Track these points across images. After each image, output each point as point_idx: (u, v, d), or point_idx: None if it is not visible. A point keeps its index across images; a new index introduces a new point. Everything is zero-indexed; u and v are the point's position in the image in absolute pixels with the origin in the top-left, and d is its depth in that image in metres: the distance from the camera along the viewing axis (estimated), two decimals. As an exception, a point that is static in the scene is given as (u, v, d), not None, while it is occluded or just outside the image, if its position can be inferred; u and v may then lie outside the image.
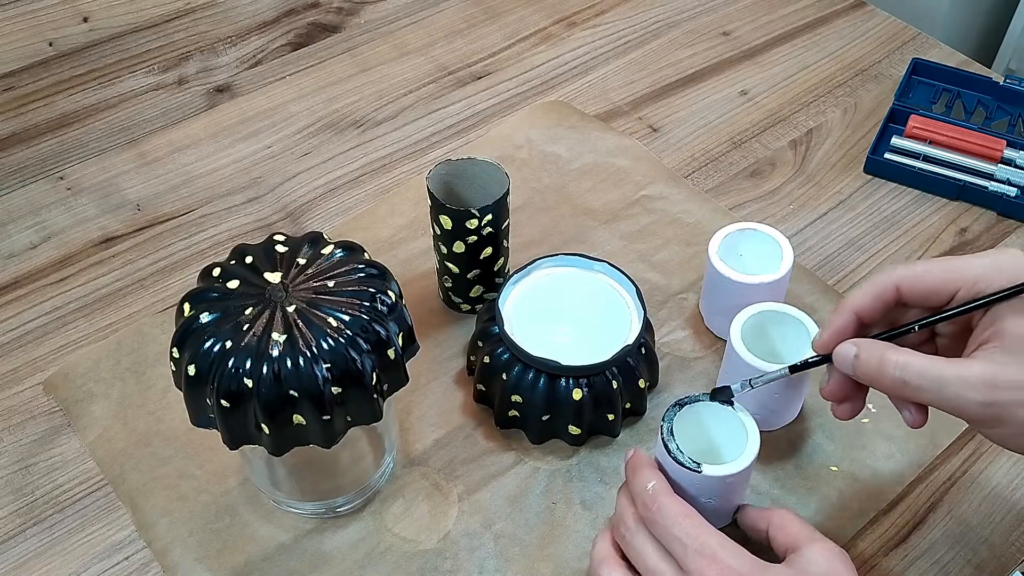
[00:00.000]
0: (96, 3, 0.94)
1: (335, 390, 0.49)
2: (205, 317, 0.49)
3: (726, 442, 0.55)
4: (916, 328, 0.50)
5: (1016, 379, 0.46)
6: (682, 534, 0.48)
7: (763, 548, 0.52)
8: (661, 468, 0.53)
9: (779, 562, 0.50)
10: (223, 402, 0.48)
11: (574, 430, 0.62)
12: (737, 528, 0.56)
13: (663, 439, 0.52)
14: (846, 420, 0.54)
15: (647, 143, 0.85)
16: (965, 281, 0.49)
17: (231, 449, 0.51)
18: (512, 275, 0.65)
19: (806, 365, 0.54)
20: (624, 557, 0.52)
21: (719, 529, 0.49)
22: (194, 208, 0.79)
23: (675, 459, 0.51)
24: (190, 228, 0.78)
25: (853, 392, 0.53)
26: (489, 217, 0.64)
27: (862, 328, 0.52)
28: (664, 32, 0.96)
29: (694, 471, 0.51)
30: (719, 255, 0.65)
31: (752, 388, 0.55)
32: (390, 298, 0.51)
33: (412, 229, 0.76)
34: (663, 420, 0.53)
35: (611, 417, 0.62)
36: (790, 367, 0.54)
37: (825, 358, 0.53)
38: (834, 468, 0.62)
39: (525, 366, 0.61)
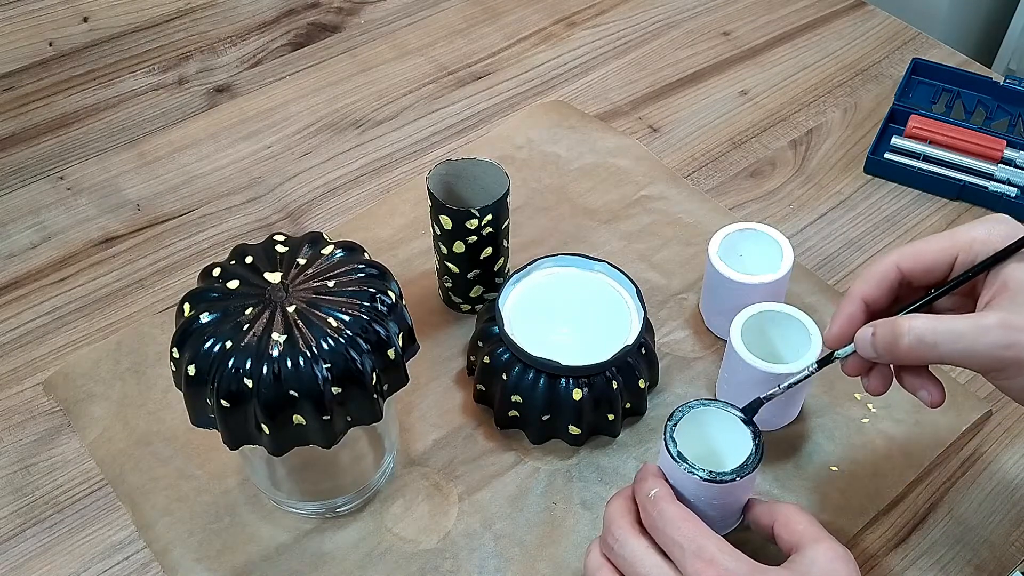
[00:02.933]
0: (96, 3, 0.94)
1: (335, 390, 0.49)
2: (205, 317, 0.49)
3: (729, 447, 0.54)
4: (933, 292, 0.50)
5: None
6: (680, 537, 0.48)
7: (769, 545, 0.52)
8: (666, 477, 0.53)
9: (784, 559, 0.50)
10: (223, 402, 0.48)
11: (574, 430, 0.62)
12: (738, 532, 0.56)
13: (666, 444, 0.52)
14: (880, 394, 0.53)
15: (647, 143, 0.85)
16: (961, 246, 0.49)
17: (231, 449, 0.51)
18: (512, 275, 0.65)
19: (830, 359, 0.53)
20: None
21: (723, 536, 0.49)
22: (194, 208, 0.79)
23: (678, 464, 0.51)
24: (190, 228, 0.78)
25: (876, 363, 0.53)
26: (489, 217, 0.64)
27: (870, 316, 0.52)
28: (664, 32, 0.96)
29: (697, 477, 0.51)
30: (719, 255, 0.65)
31: (781, 392, 0.54)
32: (390, 298, 0.51)
33: (412, 229, 0.76)
34: (666, 425, 0.53)
35: (611, 417, 0.62)
36: (818, 362, 0.54)
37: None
38: (834, 468, 0.62)
39: (525, 366, 0.61)
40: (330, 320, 0.49)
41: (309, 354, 0.48)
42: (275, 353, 0.48)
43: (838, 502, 0.60)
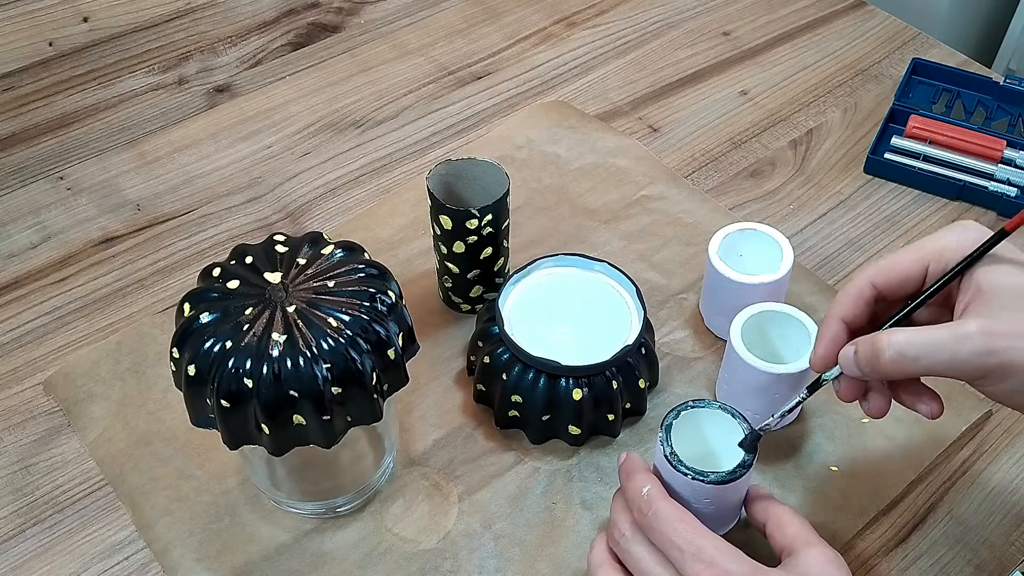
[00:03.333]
0: (96, 3, 0.94)
1: (335, 390, 0.49)
2: (205, 317, 0.49)
3: (725, 447, 0.54)
4: (910, 304, 0.50)
5: (1013, 327, 0.45)
6: (678, 539, 0.48)
7: (767, 546, 0.52)
8: (660, 474, 0.52)
9: (776, 558, 0.50)
10: (223, 402, 0.48)
11: (574, 430, 0.62)
12: (736, 532, 0.56)
13: (661, 445, 0.52)
14: (881, 417, 0.53)
15: (647, 143, 0.85)
16: (931, 256, 0.50)
17: (231, 449, 0.51)
18: (512, 275, 0.65)
19: (819, 383, 0.53)
20: (621, 563, 0.52)
21: (721, 535, 0.49)
22: (194, 208, 0.79)
23: (673, 466, 0.51)
24: (190, 228, 0.78)
25: (871, 385, 0.53)
26: (489, 217, 0.64)
27: (852, 334, 0.52)
28: (664, 32, 0.96)
29: (691, 478, 0.51)
30: (719, 255, 0.65)
31: (775, 422, 0.54)
32: (390, 298, 0.51)
33: (412, 229, 0.76)
34: (661, 425, 0.53)
35: (611, 417, 0.62)
36: (808, 388, 0.54)
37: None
38: (834, 468, 0.62)
39: (525, 366, 0.61)
40: (330, 320, 0.49)
41: (309, 354, 0.48)
42: (275, 353, 0.48)
43: (838, 502, 0.60)
